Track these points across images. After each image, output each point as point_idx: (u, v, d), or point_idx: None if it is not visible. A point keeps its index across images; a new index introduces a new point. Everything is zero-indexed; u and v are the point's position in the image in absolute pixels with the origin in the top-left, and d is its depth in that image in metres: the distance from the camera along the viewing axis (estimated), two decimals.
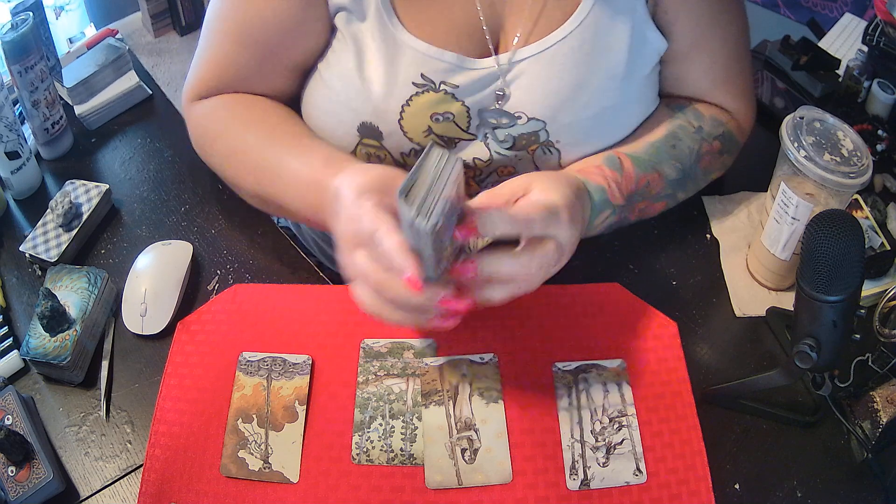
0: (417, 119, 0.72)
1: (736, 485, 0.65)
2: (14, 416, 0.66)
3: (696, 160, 0.77)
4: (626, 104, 0.74)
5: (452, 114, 0.72)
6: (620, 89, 0.72)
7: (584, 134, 0.74)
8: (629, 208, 0.74)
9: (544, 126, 0.72)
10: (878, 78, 0.95)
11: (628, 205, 0.73)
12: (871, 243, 0.76)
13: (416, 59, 0.70)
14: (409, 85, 0.70)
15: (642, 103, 0.77)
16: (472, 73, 0.70)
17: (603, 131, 0.74)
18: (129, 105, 0.99)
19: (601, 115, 0.72)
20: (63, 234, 0.80)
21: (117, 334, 0.75)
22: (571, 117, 0.72)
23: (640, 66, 0.73)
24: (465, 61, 0.70)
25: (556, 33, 0.70)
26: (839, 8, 1.51)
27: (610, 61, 0.71)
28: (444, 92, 0.71)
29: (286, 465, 0.64)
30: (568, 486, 0.63)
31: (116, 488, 0.65)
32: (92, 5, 2.19)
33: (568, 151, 0.74)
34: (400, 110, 0.71)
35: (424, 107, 0.71)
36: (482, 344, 0.71)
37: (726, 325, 0.76)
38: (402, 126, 0.72)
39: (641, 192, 0.74)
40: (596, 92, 0.71)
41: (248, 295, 0.75)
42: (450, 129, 0.73)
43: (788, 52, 1.01)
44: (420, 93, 0.70)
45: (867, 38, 0.96)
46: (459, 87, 0.71)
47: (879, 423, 0.65)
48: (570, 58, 0.70)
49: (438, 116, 0.72)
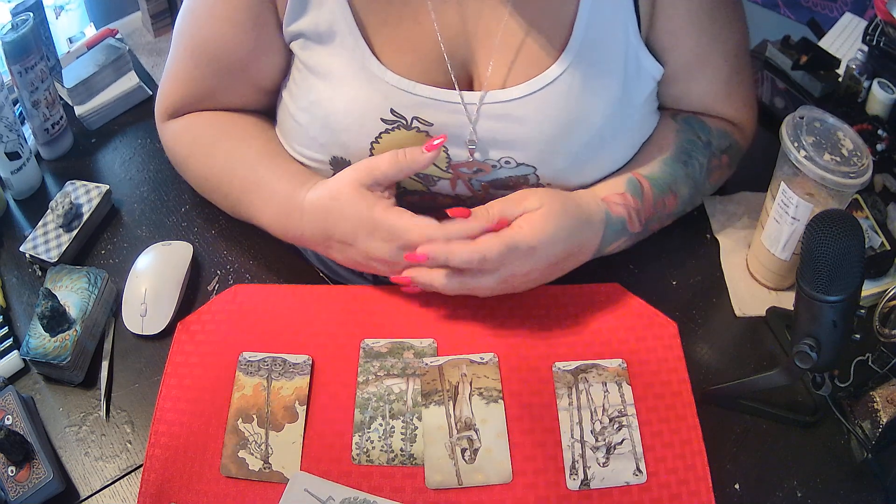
0: None
1: (736, 485, 0.65)
2: (14, 416, 0.66)
3: (706, 176, 0.77)
4: (622, 135, 0.72)
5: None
6: (616, 123, 0.70)
7: (577, 172, 0.71)
8: (644, 233, 0.74)
9: (534, 171, 0.70)
10: (878, 78, 0.95)
11: (644, 231, 0.74)
12: (871, 243, 0.76)
13: (386, 92, 0.66)
14: (378, 121, 0.67)
15: (640, 130, 0.75)
16: (447, 108, 0.67)
17: (595, 164, 0.72)
18: (129, 105, 0.99)
19: (595, 151, 0.70)
20: (63, 234, 0.80)
21: (117, 334, 0.75)
22: (563, 161, 0.69)
23: (635, 95, 0.71)
24: (438, 93, 0.66)
25: (544, 75, 0.66)
26: (839, 8, 1.51)
27: (604, 99, 0.68)
28: (417, 130, 0.67)
29: (286, 465, 0.64)
30: (568, 486, 0.63)
31: (116, 488, 0.65)
32: (92, 5, 2.18)
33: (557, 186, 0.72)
34: (370, 147, 0.68)
35: (395, 144, 0.68)
36: (482, 344, 0.71)
37: (726, 325, 0.76)
38: None
39: (658, 215, 0.74)
40: (590, 131, 0.68)
41: (248, 295, 0.75)
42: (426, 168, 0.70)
43: (788, 52, 1.01)
44: (390, 130, 0.67)
45: (867, 37, 0.96)
46: (434, 124, 0.67)
47: (879, 423, 0.65)
48: (561, 100, 0.66)
49: None
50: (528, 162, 0.69)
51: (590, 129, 0.68)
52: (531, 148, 0.68)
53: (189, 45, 0.74)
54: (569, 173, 0.71)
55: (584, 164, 0.71)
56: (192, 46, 0.73)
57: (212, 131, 0.76)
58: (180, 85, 0.76)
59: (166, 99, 0.78)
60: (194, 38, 0.73)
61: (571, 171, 0.71)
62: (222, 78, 0.74)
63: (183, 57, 0.75)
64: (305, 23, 0.67)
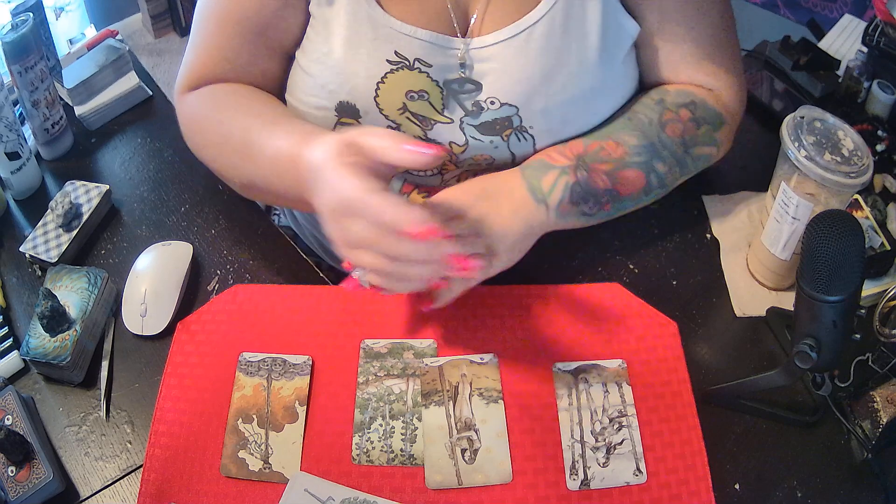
0: (392, 96, 0.72)
1: (736, 485, 0.65)
2: (14, 416, 0.66)
3: (658, 127, 0.76)
4: (600, 90, 0.74)
5: (427, 92, 0.72)
6: (594, 75, 0.72)
7: (558, 120, 0.74)
8: (585, 167, 0.72)
9: (517, 111, 0.72)
10: (878, 78, 0.95)
11: (581, 164, 0.72)
12: (871, 243, 0.76)
13: (390, 36, 0.70)
14: (384, 62, 0.71)
15: (618, 89, 0.77)
16: (445, 52, 0.71)
17: (577, 117, 0.74)
18: (129, 105, 0.99)
19: (575, 101, 0.73)
20: (63, 234, 0.80)
21: (117, 334, 0.75)
22: (544, 103, 0.72)
23: (613, 51, 0.73)
24: (438, 39, 0.70)
25: (527, 17, 0.70)
26: (839, 8, 1.51)
27: (582, 46, 0.71)
28: (419, 70, 0.71)
29: (286, 465, 0.64)
30: (568, 486, 0.63)
31: (116, 488, 0.65)
32: (92, 6, 2.18)
33: (542, 138, 0.74)
34: (375, 87, 0.71)
35: (399, 84, 0.71)
36: (482, 344, 0.71)
37: (726, 325, 0.76)
38: (377, 103, 0.72)
39: (594, 154, 0.73)
40: (568, 77, 0.71)
41: (248, 295, 0.75)
42: (424, 109, 0.73)
43: (788, 52, 1.01)
44: (394, 70, 0.71)
45: (867, 38, 0.96)
46: (433, 66, 0.71)
47: (879, 423, 0.65)
48: (542, 43, 0.70)
49: (413, 94, 0.72)
50: (511, 101, 0.72)
51: (568, 74, 0.71)
52: (513, 88, 0.71)
53: (215, 17, 0.75)
54: (549, 119, 0.73)
55: (562, 113, 0.73)
56: (218, 14, 0.75)
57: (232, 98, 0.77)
58: (207, 57, 0.77)
59: (191, 72, 0.78)
60: (220, 10, 0.74)
61: (551, 117, 0.73)
62: (248, 44, 0.75)
63: (208, 30, 0.76)
64: None
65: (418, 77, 0.71)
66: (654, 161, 0.75)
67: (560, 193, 0.71)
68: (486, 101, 0.72)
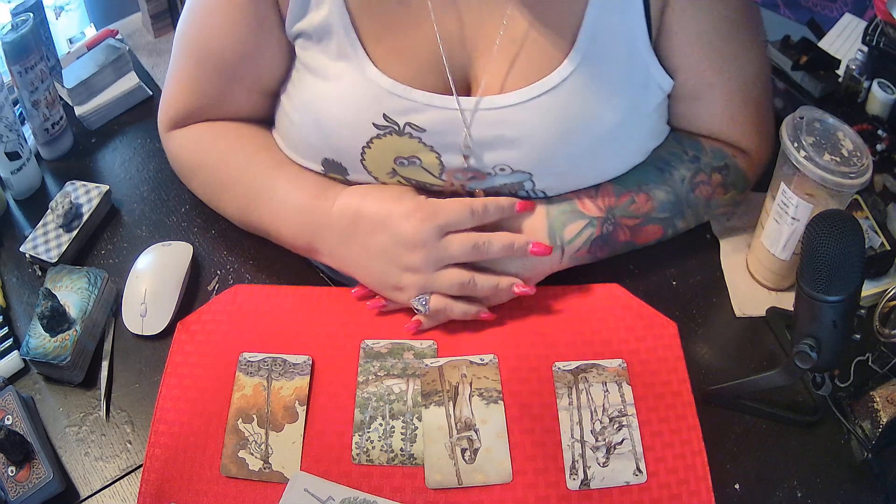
0: (380, 161, 0.69)
1: (736, 485, 0.65)
2: (14, 416, 0.66)
3: (689, 187, 0.74)
4: (625, 146, 0.71)
5: (419, 158, 0.68)
6: (620, 132, 0.68)
7: (575, 178, 0.71)
8: (613, 222, 0.71)
9: (530, 177, 0.69)
10: (878, 78, 0.95)
11: (610, 217, 0.71)
12: (871, 243, 0.76)
13: (379, 97, 0.65)
14: (370, 126, 0.67)
15: (644, 143, 0.73)
16: (441, 113, 0.66)
17: (597, 174, 0.71)
18: (130, 105, 0.99)
19: (596, 159, 0.69)
20: (63, 234, 0.80)
21: (117, 334, 0.75)
22: (562, 168, 0.69)
23: (642, 105, 0.70)
24: (433, 99, 0.66)
25: (544, 81, 0.65)
26: (839, 8, 1.51)
27: (608, 107, 0.67)
28: (410, 135, 0.67)
29: (286, 465, 0.64)
30: (568, 485, 0.63)
31: (116, 488, 0.65)
32: (92, 5, 2.18)
33: (555, 193, 0.72)
34: (361, 151, 0.68)
35: (387, 150, 0.68)
36: (482, 344, 0.71)
37: (726, 325, 0.76)
38: (365, 166, 0.70)
39: (624, 207, 0.72)
40: (591, 140, 0.67)
41: (249, 295, 0.75)
42: (418, 174, 0.70)
43: (788, 52, 1.01)
44: (382, 135, 0.67)
45: (867, 38, 0.96)
46: (427, 130, 0.67)
47: (879, 423, 0.65)
48: (560, 109, 0.65)
49: (403, 160, 0.68)
50: (525, 169, 0.68)
51: (591, 137, 0.67)
52: (527, 155, 0.67)
53: (193, 51, 0.73)
54: (565, 181, 0.71)
55: (581, 173, 0.71)
56: (197, 53, 0.73)
57: (223, 142, 0.76)
58: (184, 93, 0.76)
59: (170, 108, 0.77)
60: (198, 45, 0.72)
61: (567, 179, 0.71)
62: (227, 83, 0.74)
63: (187, 65, 0.74)
64: (306, 23, 0.67)
65: (408, 142, 0.67)
66: (676, 218, 0.75)
67: (580, 244, 0.71)
68: (496, 169, 0.69)
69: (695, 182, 0.74)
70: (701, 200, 0.76)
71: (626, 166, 0.73)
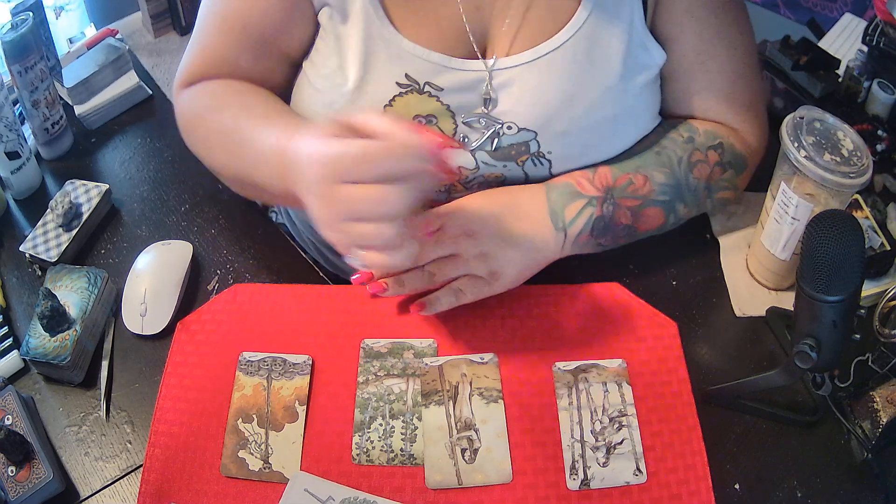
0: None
1: (736, 485, 0.65)
2: (14, 416, 0.66)
3: (687, 168, 0.75)
4: (621, 116, 0.73)
5: (435, 116, 0.71)
6: (616, 101, 0.71)
7: (577, 146, 0.72)
8: (613, 202, 0.72)
9: (535, 136, 0.71)
10: (878, 78, 0.95)
11: (609, 198, 0.72)
12: (871, 243, 0.76)
13: (401, 58, 0.69)
14: (393, 85, 0.69)
15: (640, 117, 0.75)
16: (458, 75, 0.69)
17: (597, 144, 0.73)
18: (129, 105, 0.99)
19: (595, 126, 0.71)
20: (63, 234, 0.80)
21: (117, 334, 0.75)
22: (564, 128, 0.71)
23: (636, 77, 0.72)
24: (451, 62, 0.69)
25: (550, 41, 0.69)
26: (839, 8, 1.51)
27: (605, 73, 0.70)
28: (429, 94, 0.70)
29: (286, 465, 0.64)
30: (568, 485, 0.63)
31: (116, 488, 0.65)
32: (92, 5, 2.18)
33: (559, 163, 0.73)
34: (382, 110, 0.70)
35: (407, 108, 0.70)
36: (482, 344, 0.71)
37: (726, 325, 0.76)
38: None
39: (623, 188, 0.73)
40: (590, 103, 0.70)
41: (248, 295, 0.75)
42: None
43: (788, 52, 1.01)
44: (403, 93, 0.70)
45: (867, 38, 0.96)
46: (444, 89, 0.70)
47: (879, 423, 0.65)
48: (564, 67, 0.69)
49: (421, 119, 0.71)
50: (530, 126, 0.71)
51: (589, 99, 0.70)
52: (532, 112, 0.70)
53: (218, 17, 0.74)
54: (568, 145, 0.72)
55: (582, 139, 0.72)
56: (222, 18, 0.74)
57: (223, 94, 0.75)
58: (205, 55, 0.76)
59: (188, 69, 0.77)
60: (224, 11, 0.73)
61: (570, 143, 0.72)
62: (250, 49, 0.74)
63: (210, 30, 0.75)
64: None
65: (427, 101, 0.70)
66: (677, 202, 0.75)
67: (582, 225, 0.71)
68: (504, 126, 0.71)
69: (692, 162, 0.75)
70: (701, 183, 0.76)
71: (619, 145, 0.74)
